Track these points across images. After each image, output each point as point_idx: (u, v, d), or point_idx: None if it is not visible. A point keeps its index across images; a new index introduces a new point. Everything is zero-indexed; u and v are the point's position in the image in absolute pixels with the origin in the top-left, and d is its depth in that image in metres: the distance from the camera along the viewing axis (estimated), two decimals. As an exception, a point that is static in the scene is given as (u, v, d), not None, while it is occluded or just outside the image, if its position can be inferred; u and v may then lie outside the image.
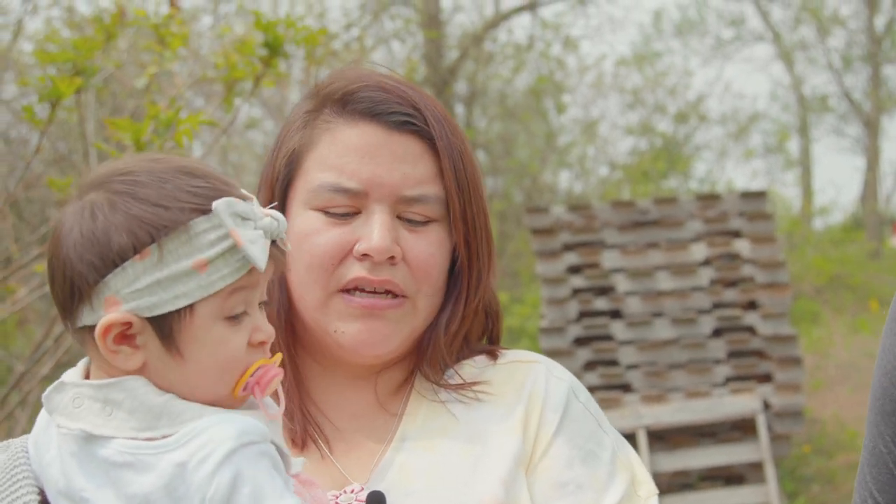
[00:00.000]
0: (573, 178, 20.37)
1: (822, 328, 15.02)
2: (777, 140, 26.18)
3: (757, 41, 26.97)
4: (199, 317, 1.51)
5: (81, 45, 4.21)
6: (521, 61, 18.84)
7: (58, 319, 4.39)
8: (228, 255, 1.50)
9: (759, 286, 8.65)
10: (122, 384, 1.51)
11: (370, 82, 1.81)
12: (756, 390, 8.41)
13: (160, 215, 1.49)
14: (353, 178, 1.76)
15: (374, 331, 1.77)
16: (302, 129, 1.82)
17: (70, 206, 1.54)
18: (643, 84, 21.60)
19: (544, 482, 1.76)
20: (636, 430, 8.15)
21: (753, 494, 8.17)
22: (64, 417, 1.53)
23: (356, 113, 1.79)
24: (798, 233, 20.63)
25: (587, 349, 8.63)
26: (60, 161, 8.92)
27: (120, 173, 1.54)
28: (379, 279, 1.75)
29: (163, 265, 1.48)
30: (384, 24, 17.22)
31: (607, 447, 1.81)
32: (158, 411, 1.50)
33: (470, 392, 1.82)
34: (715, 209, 8.79)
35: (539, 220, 8.91)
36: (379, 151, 1.77)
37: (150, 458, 1.47)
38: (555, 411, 1.81)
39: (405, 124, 1.79)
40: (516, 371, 1.86)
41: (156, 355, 1.51)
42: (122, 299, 1.48)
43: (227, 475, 1.44)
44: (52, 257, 1.54)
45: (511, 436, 1.78)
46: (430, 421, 1.81)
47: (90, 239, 1.49)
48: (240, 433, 1.47)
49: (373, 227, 1.75)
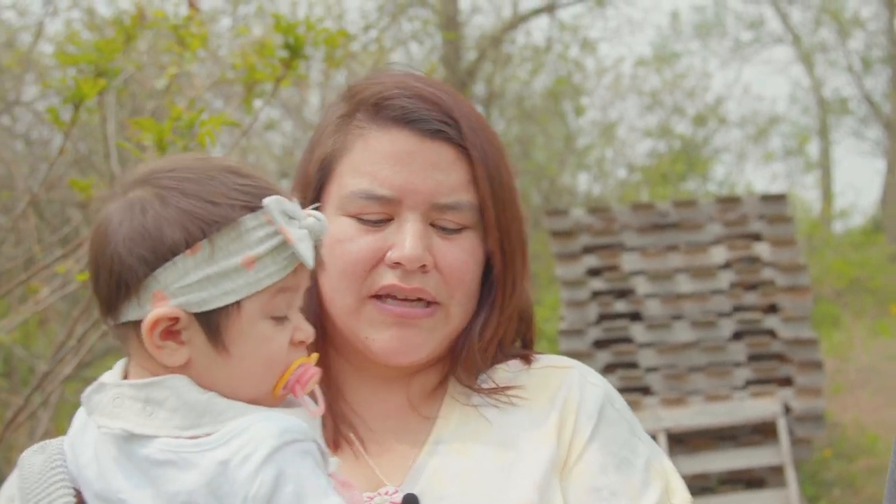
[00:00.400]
0: (591, 181, 20.36)
1: (842, 332, 14.96)
2: (797, 142, 26.11)
3: (776, 43, 26.91)
4: (246, 313, 1.51)
5: (103, 46, 4.22)
6: (540, 63, 18.83)
7: (80, 319, 4.40)
8: (276, 253, 1.51)
9: (780, 289, 8.62)
10: (164, 383, 1.51)
11: (405, 89, 1.80)
12: (776, 394, 8.37)
13: (211, 211, 1.50)
14: (385, 185, 1.75)
15: (405, 339, 1.76)
16: (335, 133, 1.82)
17: (114, 203, 1.54)
18: (662, 86, 21.56)
19: (578, 488, 1.75)
20: (656, 432, 8.12)
21: (774, 498, 8.14)
22: (104, 417, 1.52)
23: (389, 120, 1.78)
24: (818, 236, 20.56)
25: (607, 352, 8.61)
26: (81, 162, 8.95)
27: (166, 170, 1.55)
28: (410, 287, 1.75)
29: (213, 261, 1.49)
30: (402, 25, 17.24)
31: (641, 455, 1.79)
32: (202, 409, 1.50)
33: (503, 397, 1.81)
34: (735, 212, 8.77)
35: (558, 222, 8.90)
36: (412, 159, 1.76)
37: (193, 456, 1.47)
38: (589, 417, 1.79)
39: (438, 132, 1.78)
40: (550, 376, 1.85)
41: (201, 351, 1.51)
42: (170, 294, 1.49)
43: (270, 473, 1.44)
44: (97, 253, 1.53)
45: (545, 441, 1.77)
46: (464, 425, 1.80)
47: (141, 233, 1.49)
48: (282, 431, 1.47)
49: (405, 235, 1.74)
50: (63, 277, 4.66)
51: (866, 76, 25.94)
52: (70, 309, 8.72)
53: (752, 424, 8.36)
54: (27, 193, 7.15)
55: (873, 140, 27.24)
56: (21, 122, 10.57)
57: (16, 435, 5.87)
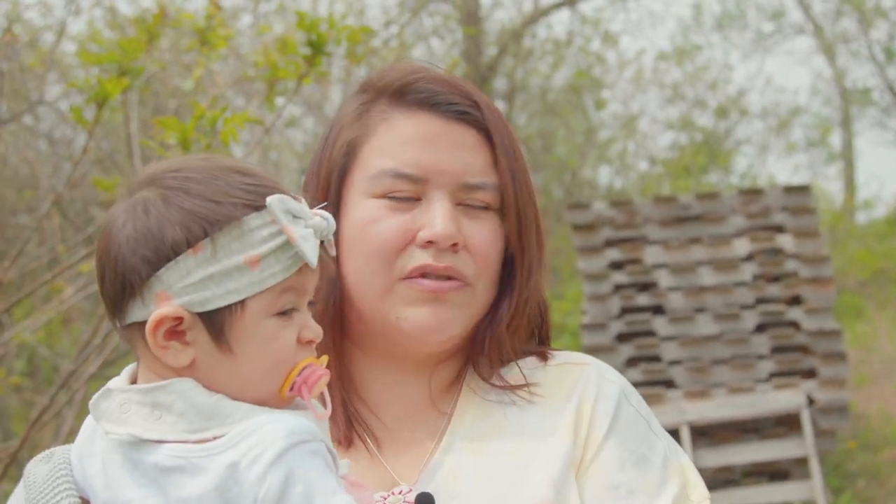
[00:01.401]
0: (613, 174, 20.30)
1: (866, 323, 14.89)
2: (819, 134, 25.96)
3: (798, 34, 26.75)
4: (250, 312, 1.50)
5: (126, 45, 4.24)
6: (561, 57, 18.79)
7: (105, 318, 4.43)
8: (280, 253, 1.50)
9: (803, 281, 8.59)
10: (170, 386, 1.50)
11: (427, 74, 1.82)
12: (800, 386, 8.35)
13: (213, 210, 1.49)
14: (411, 165, 1.76)
15: (438, 315, 1.75)
16: (356, 121, 1.82)
17: (120, 204, 1.54)
18: (683, 78, 21.48)
19: (595, 485, 1.74)
20: (679, 426, 8.11)
21: (798, 490, 8.12)
22: (112, 423, 1.52)
23: (413, 103, 1.79)
24: (841, 227, 20.45)
25: (629, 345, 8.60)
26: (104, 161, 9.00)
27: (171, 170, 1.54)
28: (443, 265, 1.74)
29: (215, 260, 1.48)
30: (423, 21, 17.24)
31: (659, 451, 1.78)
32: (209, 412, 1.49)
33: (522, 393, 1.81)
34: (757, 204, 8.74)
35: (580, 216, 8.89)
36: (437, 140, 1.78)
37: (202, 461, 1.46)
38: (606, 414, 1.78)
39: (463, 114, 1.79)
40: (567, 373, 1.84)
41: (206, 351, 1.51)
42: (173, 294, 1.48)
43: (279, 475, 1.43)
44: (102, 254, 1.54)
45: (562, 437, 1.76)
46: (480, 421, 1.80)
47: (143, 233, 1.49)
48: (290, 432, 1.46)
49: (434, 214, 1.74)
50: (87, 277, 4.69)
51: (889, 66, 25.77)
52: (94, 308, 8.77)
53: (775, 416, 8.34)
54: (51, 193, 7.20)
55: (896, 130, 27.07)
56: (44, 122, 10.64)
57: (41, 434, 5.91)
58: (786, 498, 8.12)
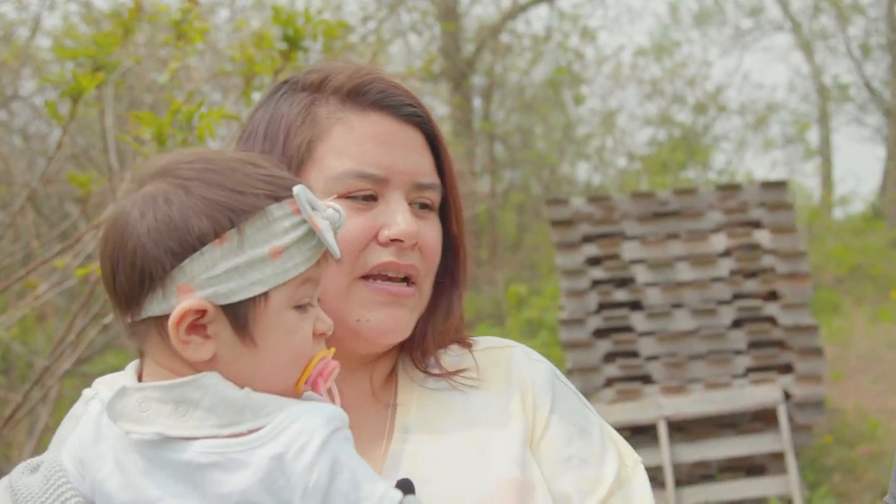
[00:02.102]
0: (591, 170, 20.35)
1: (842, 318, 14.96)
2: (796, 130, 26.06)
3: (776, 31, 26.85)
4: (273, 304, 1.49)
5: (101, 40, 4.22)
6: (539, 53, 18.81)
7: (79, 315, 4.40)
8: (302, 244, 1.50)
9: (780, 276, 8.62)
10: (197, 382, 1.47)
11: (377, 75, 1.85)
12: (777, 381, 8.38)
13: (239, 200, 1.48)
14: (373, 164, 1.78)
15: (397, 318, 1.79)
16: (307, 121, 1.82)
17: (131, 196, 1.51)
18: (662, 75, 21.54)
19: (549, 458, 1.82)
20: (656, 421, 8.13)
21: (775, 485, 8.15)
22: (132, 423, 1.48)
23: (367, 104, 1.82)
24: (818, 223, 20.55)
25: (607, 341, 8.61)
26: (79, 156, 8.95)
27: (185, 162, 1.53)
28: (406, 263, 1.79)
29: (241, 251, 1.46)
30: (401, 16, 17.22)
31: (594, 423, 1.90)
32: (241, 405, 1.47)
33: (459, 379, 1.87)
34: (735, 199, 8.76)
35: (558, 211, 8.89)
36: (394, 140, 1.81)
37: (241, 455, 1.44)
38: (545, 392, 1.88)
39: (413, 116, 1.84)
40: (496, 357, 1.92)
41: (227, 345, 1.49)
42: (196, 286, 1.46)
43: (327, 463, 1.43)
44: (115, 247, 1.49)
45: (514, 418, 1.83)
46: (425, 410, 1.85)
47: (167, 224, 1.46)
48: (328, 420, 1.47)
49: (396, 214, 1.78)
50: (62, 273, 4.66)
51: (866, 63, 25.89)
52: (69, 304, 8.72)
53: (752, 412, 8.37)
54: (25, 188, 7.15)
55: (873, 127, 27.20)
56: (19, 117, 10.57)
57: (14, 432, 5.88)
58: (762, 493, 8.15)
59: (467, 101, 17.64)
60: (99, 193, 4.57)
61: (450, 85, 17.36)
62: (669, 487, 8.01)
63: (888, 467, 9.08)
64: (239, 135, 1.90)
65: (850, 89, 26.58)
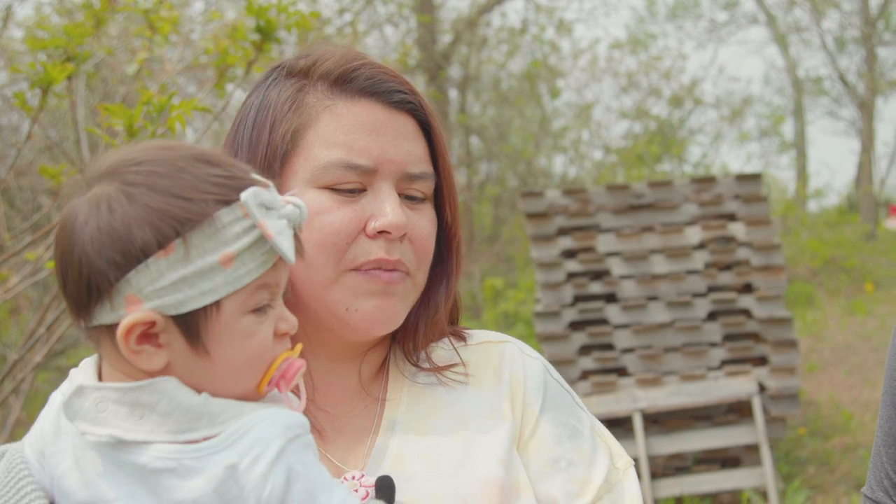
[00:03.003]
0: (567, 163, 20.37)
1: (817, 311, 15.04)
2: (771, 123, 26.17)
3: (751, 24, 26.97)
4: (226, 313, 1.44)
5: (72, 31, 4.18)
6: (515, 45, 18.81)
7: (51, 307, 4.37)
8: (254, 248, 1.44)
9: (754, 269, 8.64)
10: (153, 386, 1.43)
11: (367, 61, 1.80)
12: (751, 373, 8.40)
13: (184, 207, 1.41)
14: (363, 154, 1.74)
15: (387, 307, 1.75)
16: (294, 107, 1.78)
17: (79, 198, 1.45)
18: (637, 68, 21.59)
19: (538, 459, 1.80)
20: (632, 413, 8.14)
21: (749, 477, 8.18)
22: (88, 424, 1.44)
23: (356, 91, 1.77)
24: (793, 216, 20.65)
25: (582, 333, 8.62)
26: (52, 148, 8.89)
27: (132, 162, 1.46)
28: (395, 259, 1.74)
29: (188, 261, 1.40)
30: (377, 8, 17.18)
31: (586, 423, 1.87)
32: (197, 412, 1.43)
33: (450, 374, 1.84)
34: (710, 192, 8.77)
35: (534, 204, 8.89)
36: (384, 128, 1.76)
37: (196, 462, 1.41)
38: (536, 390, 1.85)
39: (404, 103, 1.79)
40: (490, 352, 1.89)
41: (180, 354, 1.44)
42: (144, 297, 1.40)
43: (282, 474, 1.40)
44: (63, 253, 1.44)
45: (502, 417, 1.81)
46: (415, 405, 1.82)
47: (109, 234, 1.40)
48: (286, 428, 1.43)
49: (384, 204, 1.74)
50: (33, 265, 4.62)
51: (840, 56, 26.03)
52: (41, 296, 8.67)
53: (727, 404, 8.40)
54: (-3, 180, 7.09)
55: (847, 120, 27.36)
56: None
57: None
58: (737, 484, 8.18)
59: (443, 94, 17.62)
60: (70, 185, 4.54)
61: (425, 77, 17.34)
62: (645, 480, 8.03)
63: (862, 459, 9.14)
64: (233, 120, 1.86)
65: (824, 82, 26.72)
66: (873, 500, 2.11)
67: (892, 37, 25.84)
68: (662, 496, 8.14)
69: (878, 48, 25.19)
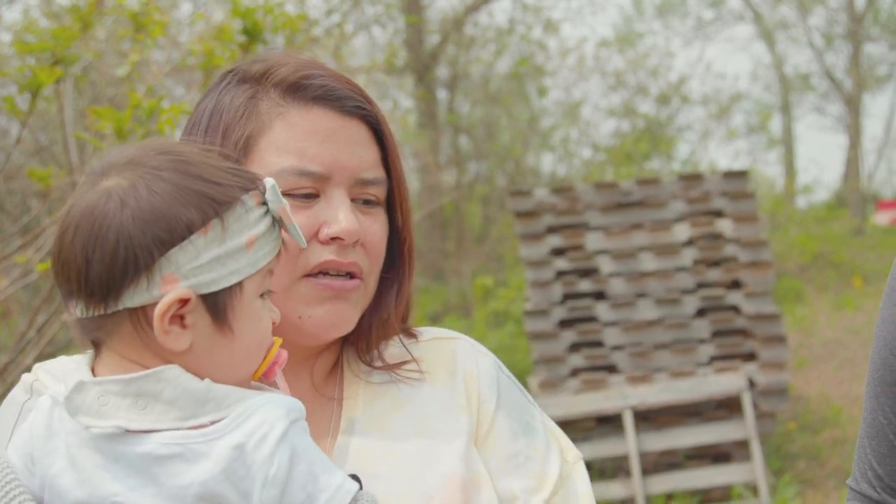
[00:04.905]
0: (556, 161, 20.38)
1: (806, 306, 15.07)
2: (759, 119, 26.22)
3: (737, 21, 27.02)
4: (246, 294, 1.52)
5: (59, 34, 4.19)
6: (503, 45, 18.82)
7: (41, 310, 4.37)
8: (268, 234, 1.54)
9: (742, 265, 8.67)
10: (157, 375, 1.47)
11: (320, 68, 1.82)
12: (741, 369, 8.44)
13: (218, 190, 1.50)
14: (315, 161, 1.75)
15: (340, 313, 1.77)
16: (247, 114, 1.79)
17: (97, 188, 1.49)
18: (625, 66, 21.60)
19: (495, 455, 1.83)
20: (622, 410, 8.17)
21: (740, 472, 8.21)
22: (91, 417, 1.47)
23: (309, 98, 1.79)
24: (781, 211, 20.70)
25: (572, 331, 8.64)
26: (41, 152, 8.88)
27: (157, 151, 1.53)
28: (348, 261, 1.76)
29: (222, 241, 1.48)
30: (364, 9, 17.18)
31: (538, 418, 1.91)
32: (203, 397, 1.47)
33: (404, 372, 1.87)
34: (697, 189, 8.81)
35: (522, 202, 8.91)
36: (336, 135, 1.78)
37: (202, 446, 1.45)
38: (490, 386, 1.89)
39: (356, 109, 1.81)
40: (442, 348, 1.92)
41: (204, 334, 1.50)
42: (181, 276, 1.46)
43: (286, 453, 1.45)
44: (89, 238, 1.46)
45: (460, 413, 1.84)
46: (373, 404, 1.84)
47: (152, 213, 1.45)
48: (288, 411, 1.49)
49: (337, 211, 1.76)
50: (23, 267, 4.63)
51: (827, 52, 26.09)
52: (31, 300, 8.66)
53: (716, 400, 8.42)
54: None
55: (835, 116, 27.44)
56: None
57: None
58: (728, 480, 8.21)
59: (431, 94, 17.64)
60: (59, 188, 4.54)
61: (414, 77, 17.35)
62: (636, 476, 8.06)
63: (852, 453, 9.17)
64: (186, 124, 1.87)
65: (811, 79, 26.78)
66: (858, 491, 2.13)
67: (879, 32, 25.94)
68: (654, 492, 8.17)
69: (864, 44, 25.28)
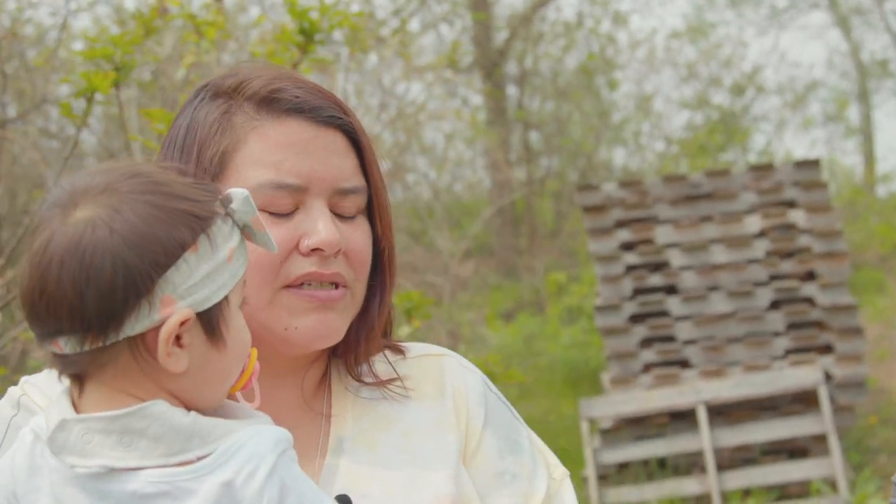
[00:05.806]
0: (628, 155, 20.23)
1: (887, 297, 14.80)
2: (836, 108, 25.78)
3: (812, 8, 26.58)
4: (232, 306, 1.51)
5: (118, 40, 4.24)
6: (571, 39, 18.71)
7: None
8: (242, 245, 1.52)
9: (817, 256, 8.53)
10: (143, 411, 1.44)
11: (292, 80, 1.80)
12: (817, 362, 8.30)
13: (198, 205, 1.48)
14: (292, 174, 1.73)
15: (327, 323, 1.75)
16: (221, 129, 1.77)
17: (68, 221, 1.43)
18: (697, 57, 21.37)
19: (483, 473, 1.82)
20: (695, 405, 8.08)
21: (818, 467, 8.08)
22: (76, 456, 1.44)
23: (282, 111, 1.76)
24: (861, 201, 20.33)
25: (643, 326, 8.56)
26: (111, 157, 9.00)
27: (126, 175, 1.48)
28: (330, 272, 1.74)
29: (210, 256, 1.46)
30: (431, 7, 17.20)
31: (525, 436, 1.90)
32: (188, 433, 1.44)
33: (393, 388, 1.84)
34: (768, 180, 8.68)
35: (590, 197, 8.86)
36: (312, 146, 1.76)
37: (190, 483, 1.42)
38: (478, 404, 1.87)
39: (331, 119, 1.78)
40: (430, 365, 1.90)
41: (199, 352, 1.47)
42: (178, 297, 1.43)
43: (275, 488, 1.42)
44: (79, 272, 1.41)
45: (448, 431, 1.82)
46: (361, 421, 1.82)
47: (144, 236, 1.42)
48: (276, 443, 1.46)
49: (317, 222, 1.74)
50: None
51: (905, 37, 25.58)
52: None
53: (792, 393, 8.30)
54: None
55: (915, 102, 26.87)
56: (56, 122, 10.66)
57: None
58: (806, 475, 8.08)
59: (500, 90, 17.60)
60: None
61: (482, 74, 17.33)
62: (711, 472, 7.96)
63: (934, 446, 8.98)
64: (162, 141, 1.85)
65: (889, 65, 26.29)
66: None
67: (959, 16, 25.39)
68: (729, 488, 8.06)
69: (943, 28, 24.74)
